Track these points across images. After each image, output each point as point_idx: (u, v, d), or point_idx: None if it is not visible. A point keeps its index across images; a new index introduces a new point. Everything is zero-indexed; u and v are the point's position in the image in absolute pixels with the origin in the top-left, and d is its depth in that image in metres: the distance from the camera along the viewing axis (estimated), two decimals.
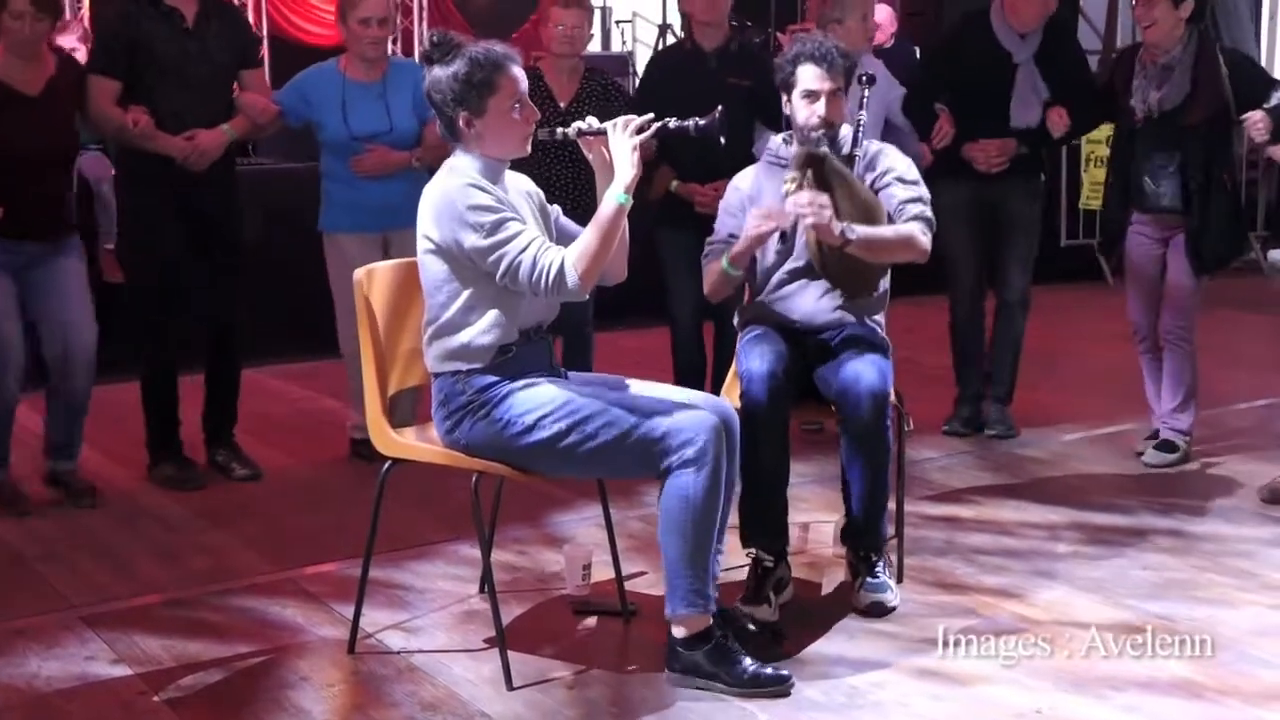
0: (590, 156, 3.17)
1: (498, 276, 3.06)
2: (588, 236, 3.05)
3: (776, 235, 3.59)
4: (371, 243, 4.64)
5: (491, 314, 3.13)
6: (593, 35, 5.91)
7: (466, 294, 3.13)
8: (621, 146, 3.05)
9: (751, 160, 4.07)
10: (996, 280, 5.24)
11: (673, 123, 3.14)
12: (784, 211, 3.51)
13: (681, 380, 4.67)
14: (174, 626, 3.50)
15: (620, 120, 3.08)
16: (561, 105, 4.88)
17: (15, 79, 4.26)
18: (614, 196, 3.05)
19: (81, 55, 5.81)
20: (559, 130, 3.21)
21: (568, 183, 4.68)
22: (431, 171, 3.40)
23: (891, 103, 5.16)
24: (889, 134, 5.00)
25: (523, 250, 3.03)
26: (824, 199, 3.47)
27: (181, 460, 4.72)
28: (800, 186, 3.49)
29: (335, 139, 4.76)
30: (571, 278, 3.01)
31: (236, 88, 4.74)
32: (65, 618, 3.55)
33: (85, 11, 9.21)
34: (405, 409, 3.96)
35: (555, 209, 3.38)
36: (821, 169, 3.58)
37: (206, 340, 4.77)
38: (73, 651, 3.35)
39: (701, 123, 3.14)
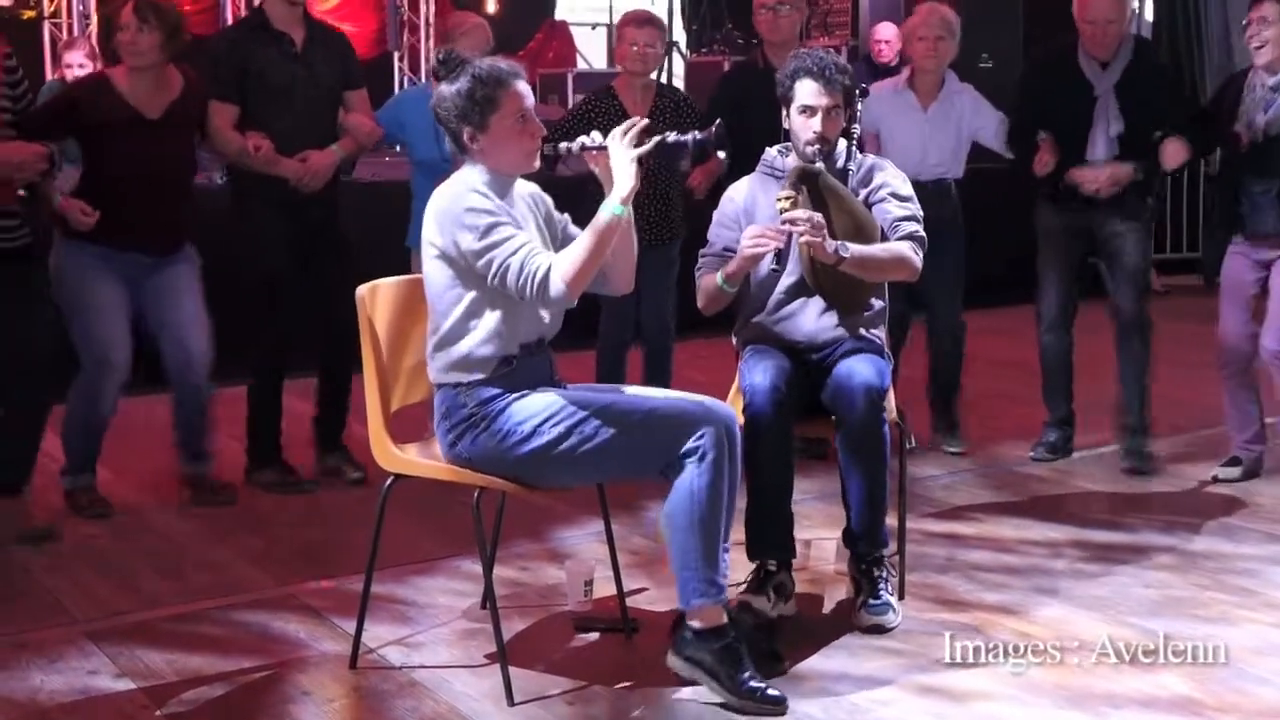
0: (596, 171, 3.19)
1: (488, 279, 3.10)
2: (578, 245, 3.08)
3: (770, 254, 3.58)
4: None
5: (491, 324, 3.15)
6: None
7: (467, 301, 3.16)
8: (621, 159, 3.08)
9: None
10: (1110, 304, 5.08)
11: (671, 136, 3.17)
12: (778, 230, 3.52)
13: None
14: (177, 641, 3.51)
15: (619, 131, 3.10)
16: None
17: (139, 100, 4.38)
18: (609, 207, 3.07)
19: (90, 71, 5.86)
20: (563, 145, 3.24)
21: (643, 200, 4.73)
22: None
23: (980, 128, 5.13)
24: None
25: (512, 254, 3.06)
26: (818, 217, 3.49)
27: (282, 466, 4.83)
28: (795, 204, 3.50)
29: (427, 159, 4.89)
30: (556, 284, 3.03)
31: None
32: (69, 632, 3.56)
33: (94, 30, 9.27)
34: None
35: (564, 217, 3.40)
36: (816, 185, 3.60)
37: (320, 346, 4.87)
38: (76, 665, 3.36)
39: (699, 136, 3.17)
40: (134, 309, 4.49)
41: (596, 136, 3.19)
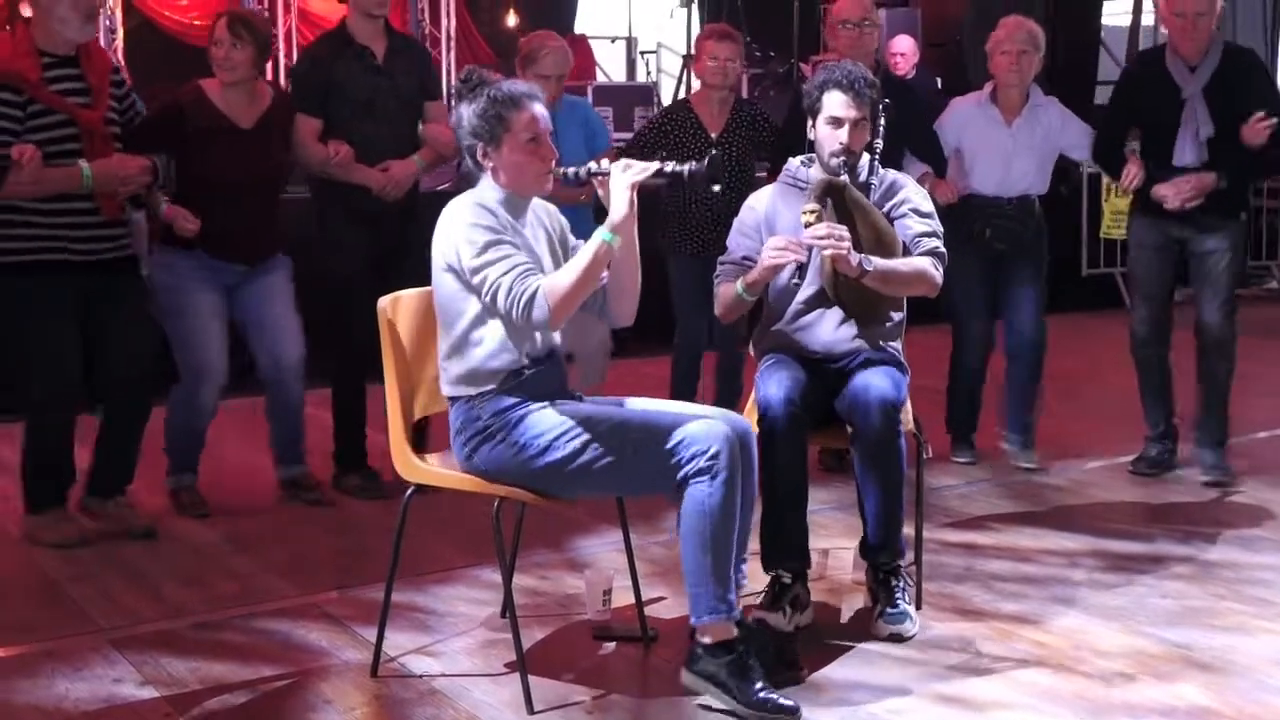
0: (602, 195, 3.20)
1: (481, 296, 3.14)
2: (567, 271, 3.11)
3: (791, 266, 3.60)
4: None
5: (498, 337, 3.19)
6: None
7: (473, 314, 3.19)
8: (618, 186, 3.10)
9: None
10: (1194, 319, 5.01)
11: (668, 166, 3.18)
12: (801, 241, 3.55)
13: None
14: (200, 649, 3.54)
15: (624, 162, 3.13)
16: (712, 136, 5.02)
17: (232, 111, 4.52)
18: (600, 234, 3.09)
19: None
20: (572, 170, 3.27)
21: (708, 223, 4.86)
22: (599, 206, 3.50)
23: (1068, 142, 5.08)
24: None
25: (504, 274, 3.09)
26: (843, 230, 3.51)
27: (366, 471, 4.91)
28: (820, 217, 3.53)
29: None
30: (541, 308, 3.06)
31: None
32: (93, 640, 3.60)
33: (119, 43, 9.33)
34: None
35: (578, 242, 3.42)
36: (841, 199, 3.62)
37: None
38: (100, 673, 3.40)
39: (692, 168, 3.18)
40: (229, 316, 4.61)
41: (605, 164, 3.22)
